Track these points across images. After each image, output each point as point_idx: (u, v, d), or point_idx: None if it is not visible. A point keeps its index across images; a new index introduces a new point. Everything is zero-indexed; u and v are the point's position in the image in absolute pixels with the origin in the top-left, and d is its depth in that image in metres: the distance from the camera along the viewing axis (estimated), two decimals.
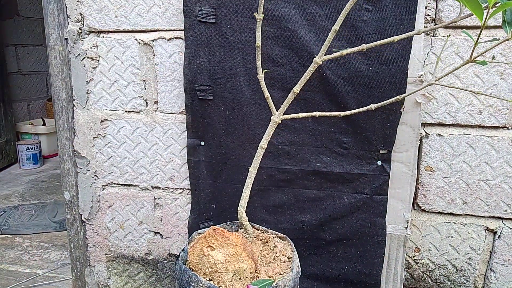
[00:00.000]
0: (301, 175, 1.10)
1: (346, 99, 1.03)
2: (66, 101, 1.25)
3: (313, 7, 1.00)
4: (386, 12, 0.96)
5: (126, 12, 1.15)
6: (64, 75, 1.24)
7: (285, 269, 0.87)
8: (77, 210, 1.34)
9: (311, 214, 1.12)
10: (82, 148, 1.29)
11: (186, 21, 1.08)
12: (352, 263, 1.12)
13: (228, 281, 0.79)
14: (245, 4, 1.03)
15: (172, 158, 1.22)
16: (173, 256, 1.31)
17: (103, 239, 1.35)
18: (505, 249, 1.07)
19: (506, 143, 1.01)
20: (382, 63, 0.99)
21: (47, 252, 1.73)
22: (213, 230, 0.85)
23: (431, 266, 1.13)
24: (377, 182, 1.06)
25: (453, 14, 0.97)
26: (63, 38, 1.21)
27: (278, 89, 1.06)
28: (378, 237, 1.09)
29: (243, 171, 1.13)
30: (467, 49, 0.98)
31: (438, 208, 1.09)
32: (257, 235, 0.98)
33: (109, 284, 1.39)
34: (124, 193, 1.30)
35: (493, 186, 1.04)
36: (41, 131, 3.15)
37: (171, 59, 1.15)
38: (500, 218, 1.06)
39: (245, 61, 1.06)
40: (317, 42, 1.01)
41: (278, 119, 0.88)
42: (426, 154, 1.07)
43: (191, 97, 1.12)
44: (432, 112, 1.04)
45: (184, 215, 1.26)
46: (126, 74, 1.20)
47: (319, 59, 0.81)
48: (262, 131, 1.10)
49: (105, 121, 1.25)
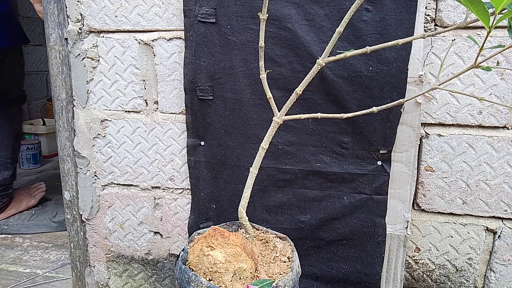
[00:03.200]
0: (301, 175, 1.11)
1: (346, 99, 1.03)
2: (66, 101, 1.25)
3: (313, 7, 1.00)
4: (386, 12, 0.96)
5: (126, 12, 1.15)
6: (64, 75, 1.24)
7: (285, 269, 0.87)
8: (77, 210, 1.34)
9: (311, 214, 1.12)
10: (82, 148, 1.29)
11: (186, 21, 1.08)
12: (352, 263, 1.12)
13: (228, 281, 0.79)
14: (245, 4, 1.03)
15: (172, 158, 1.22)
16: (173, 256, 1.31)
17: (103, 239, 1.35)
18: (505, 249, 1.07)
19: (506, 143, 1.01)
20: (382, 63, 0.99)
21: (47, 252, 1.73)
22: (213, 230, 0.85)
23: (431, 266, 1.13)
24: (377, 182, 1.06)
25: (453, 14, 0.97)
26: (63, 38, 1.21)
27: (278, 89, 1.06)
28: (378, 237, 1.09)
29: (243, 171, 1.13)
30: (467, 49, 0.98)
31: (438, 208, 1.09)
32: (257, 235, 0.98)
33: (109, 284, 1.39)
34: (124, 193, 1.30)
35: (493, 186, 1.04)
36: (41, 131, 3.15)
37: (171, 59, 1.15)
38: (500, 218, 1.06)
39: (245, 61, 1.06)
40: (317, 42, 1.01)
41: (280, 120, 0.88)
42: (426, 154, 1.07)
43: (191, 97, 1.13)
44: (432, 112, 1.04)
45: (184, 215, 1.26)
46: (126, 74, 1.20)
47: (323, 60, 0.80)
48: (262, 131, 1.10)
49: (105, 121, 1.25)
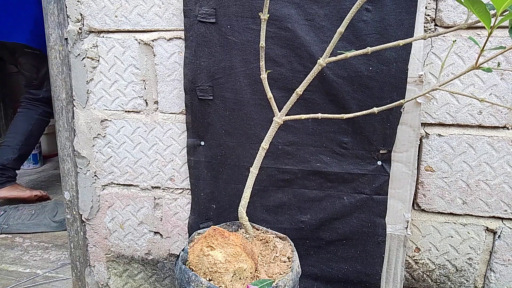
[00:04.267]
0: (301, 175, 1.11)
1: (346, 99, 1.03)
2: (66, 101, 1.25)
3: (313, 7, 1.00)
4: (386, 12, 0.96)
5: (126, 12, 1.15)
6: (64, 75, 1.24)
7: (285, 269, 0.87)
8: (77, 210, 1.34)
9: (311, 214, 1.12)
10: (82, 148, 1.29)
11: (186, 21, 1.08)
12: (352, 263, 1.12)
13: (228, 281, 0.79)
14: (245, 4, 1.03)
15: (172, 158, 1.22)
16: (173, 256, 1.31)
17: (103, 239, 1.35)
18: (505, 249, 1.07)
19: (506, 143, 1.01)
20: (382, 63, 0.99)
21: (47, 252, 1.73)
22: (213, 230, 0.85)
23: (431, 266, 1.13)
24: (377, 182, 1.06)
25: (453, 14, 0.97)
26: (63, 38, 1.21)
27: (278, 89, 1.06)
28: (378, 237, 1.09)
29: (243, 171, 1.13)
30: (467, 49, 0.98)
31: (438, 208, 1.09)
32: (257, 235, 0.98)
33: (109, 284, 1.39)
34: (124, 193, 1.30)
35: (493, 186, 1.04)
36: None
37: (171, 59, 1.15)
38: (500, 218, 1.06)
39: (245, 61, 1.06)
40: (317, 42, 1.01)
41: (280, 120, 0.88)
42: (426, 154, 1.07)
43: (191, 97, 1.13)
44: (432, 112, 1.04)
45: (184, 215, 1.26)
46: (126, 74, 1.20)
47: (323, 61, 0.80)
48: (262, 131, 1.10)
49: (105, 121, 1.25)
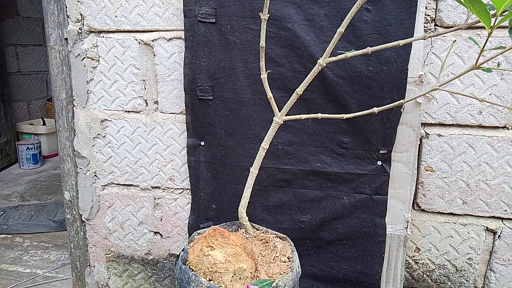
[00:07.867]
0: (301, 175, 1.10)
1: (346, 99, 1.03)
2: (66, 101, 1.25)
3: (313, 7, 1.00)
4: (386, 12, 0.96)
5: (126, 12, 1.15)
6: (64, 75, 1.24)
7: (285, 269, 0.87)
8: (77, 210, 1.34)
9: (311, 214, 1.12)
10: (82, 148, 1.29)
11: (186, 21, 1.08)
12: (352, 263, 1.12)
13: (228, 281, 0.79)
14: (245, 4, 1.03)
15: (172, 158, 1.22)
16: (173, 256, 1.31)
17: (103, 239, 1.35)
18: (505, 249, 1.07)
19: (506, 143, 1.01)
20: (382, 63, 0.99)
21: (47, 252, 1.73)
22: (213, 230, 0.85)
23: (431, 266, 1.13)
24: (377, 182, 1.06)
25: (453, 14, 0.97)
26: (63, 38, 1.21)
27: (278, 89, 1.06)
28: (378, 237, 1.09)
29: (243, 171, 1.13)
30: (467, 49, 0.98)
31: (438, 208, 1.09)
32: (257, 235, 0.98)
33: (109, 284, 1.39)
34: (124, 193, 1.30)
35: (493, 186, 1.04)
36: (41, 131, 3.15)
37: (171, 59, 1.15)
38: (500, 218, 1.06)
39: (245, 61, 1.06)
40: (317, 42, 1.01)
41: (280, 120, 0.88)
42: (426, 154, 1.07)
43: (191, 97, 1.12)
44: (432, 112, 1.04)
45: (184, 215, 1.26)
46: (126, 74, 1.20)
47: (323, 61, 0.80)
48: (262, 131, 1.10)
49: (105, 121, 1.25)
